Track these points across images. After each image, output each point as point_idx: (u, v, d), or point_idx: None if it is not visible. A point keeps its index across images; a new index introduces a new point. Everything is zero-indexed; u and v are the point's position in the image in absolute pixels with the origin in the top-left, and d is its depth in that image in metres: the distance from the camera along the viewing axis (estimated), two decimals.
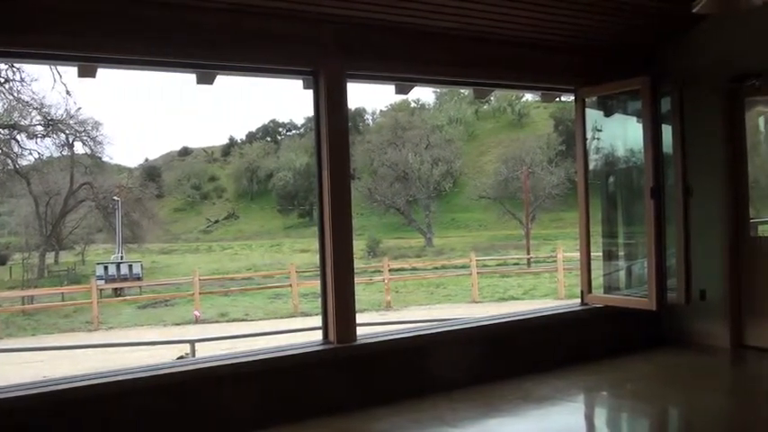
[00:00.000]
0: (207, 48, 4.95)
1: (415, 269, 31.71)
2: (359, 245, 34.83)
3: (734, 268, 6.89)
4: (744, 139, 6.98)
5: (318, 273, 5.60)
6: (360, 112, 57.35)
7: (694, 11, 4.61)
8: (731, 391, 6.02)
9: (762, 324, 6.74)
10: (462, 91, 47.79)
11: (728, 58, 6.74)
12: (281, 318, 22.20)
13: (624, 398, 5.72)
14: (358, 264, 28.58)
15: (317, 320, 5.83)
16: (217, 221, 57.91)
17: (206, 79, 5.32)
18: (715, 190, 6.91)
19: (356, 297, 5.63)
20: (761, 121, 8.86)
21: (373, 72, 5.85)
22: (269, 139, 63.60)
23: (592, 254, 7.14)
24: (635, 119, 7.00)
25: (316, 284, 5.94)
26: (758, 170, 8.96)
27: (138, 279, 32.05)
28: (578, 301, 7.14)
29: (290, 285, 24.81)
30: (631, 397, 5.70)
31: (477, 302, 23.70)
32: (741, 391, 6.06)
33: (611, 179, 7.81)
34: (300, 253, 41.23)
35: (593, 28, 6.47)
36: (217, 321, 22.29)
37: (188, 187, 61.09)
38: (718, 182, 6.90)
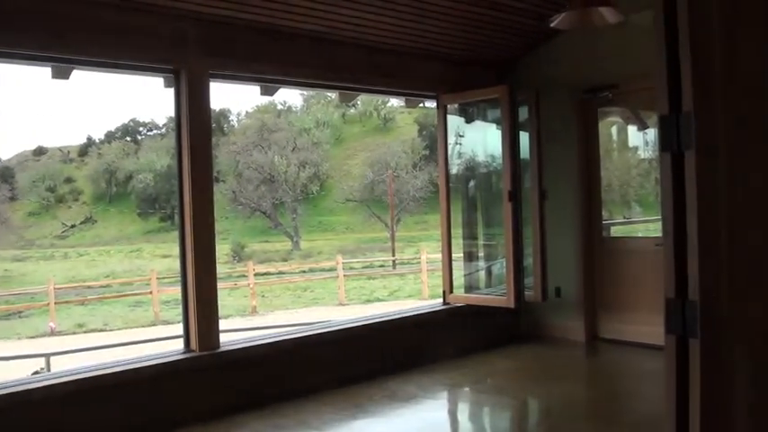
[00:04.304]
0: (62, 40, 4.67)
1: (281, 273, 31.41)
2: (223, 249, 34.06)
3: (587, 267, 7.28)
4: (597, 146, 7.40)
5: (180, 279, 5.44)
6: (224, 113, 56.13)
7: (551, 25, 4.83)
8: (586, 381, 6.35)
9: (613, 318, 7.18)
10: (329, 94, 47.89)
11: (583, 71, 7.11)
12: (142, 327, 21.37)
13: (486, 392, 5.91)
14: (222, 269, 27.98)
15: (179, 328, 5.64)
16: (73, 226, 54.91)
17: (61, 74, 5.04)
18: (570, 193, 7.27)
19: (220, 303, 5.51)
20: (613, 129, 9.41)
21: (238, 72, 5.74)
22: (129, 138, 61.01)
23: (453, 255, 7.35)
24: (494, 126, 7.26)
25: (178, 291, 5.74)
26: (611, 175, 9.52)
27: None
28: (441, 300, 7.32)
29: (151, 292, 23.93)
30: (493, 391, 5.90)
31: (343, 305, 23.79)
32: (595, 380, 6.41)
33: (472, 183, 8.06)
34: (162, 258, 39.85)
35: (456, 38, 6.66)
36: (74, 333, 21.14)
37: (43, 189, 57.56)
38: (573, 186, 7.26)
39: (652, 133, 8.64)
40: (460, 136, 7.68)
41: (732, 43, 2.15)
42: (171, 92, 5.35)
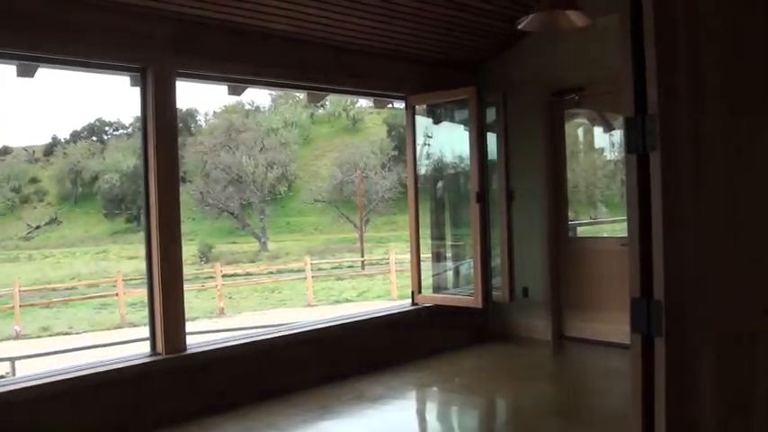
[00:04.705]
0: (28, 37, 4.58)
1: (249, 274, 31.19)
2: (190, 250, 33.75)
3: (554, 267, 7.35)
4: (564, 147, 7.48)
5: (146, 281, 5.38)
6: (191, 113, 55.67)
7: (519, 27, 4.87)
8: (553, 379, 6.40)
9: (579, 317, 7.27)
10: (297, 94, 47.67)
11: (550, 73, 7.18)
12: (108, 329, 21.08)
13: (454, 392, 5.93)
14: (189, 270, 27.64)
15: (146, 331, 5.57)
16: (38, 227, 53.95)
17: (27, 72, 4.94)
18: (537, 194, 7.34)
19: (187, 304, 5.46)
20: (580, 131, 9.51)
21: (205, 71, 5.69)
22: (95, 138, 60.16)
23: (422, 255, 7.37)
24: (462, 127, 7.30)
25: (144, 293, 5.67)
26: (577, 176, 9.63)
27: None
28: (409, 301, 7.33)
29: (117, 294, 23.60)
30: (461, 390, 5.93)
31: (312, 306, 23.72)
32: (561, 377, 6.47)
33: (440, 184, 8.09)
34: (128, 260, 39.34)
35: (425, 40, 6.67)
36: (39, 336, 20.76)
37: (7, 190, 56.42)
38: (540, 187, 7.32)
39: (618, 135, 8.75)
40: (429, 137, 7.70)
41: (696, 47, 2.18)
42: (137, 91, 5.28)
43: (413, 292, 7.31)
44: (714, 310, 2.27)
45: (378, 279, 28.37)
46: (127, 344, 12.99)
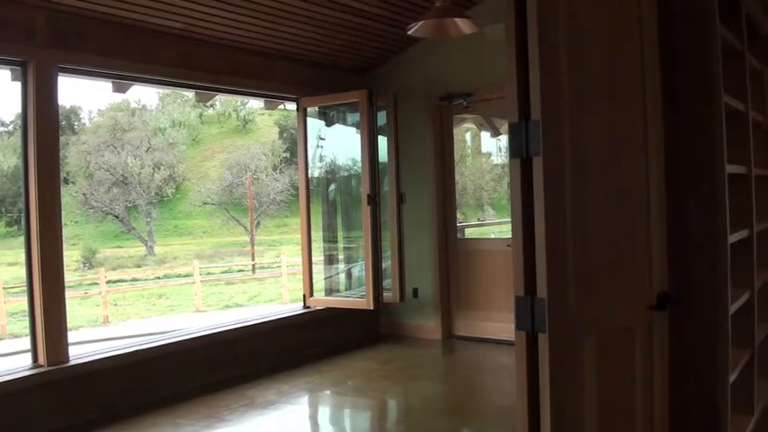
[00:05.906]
0: None
1: (135, 280, 30.15)
2: (72, 255, 32.33)
3: (443, 268, 7.51)
4: (452, 151, 7.66)
5: (26, 289, 5.11)
6: (75, 110, 53.34)
7: (409, 33, 4.95)
8: (443, 378, 6.53)
9: (467, 316, 7.46)
10: (186, 93, 46.44)
11: (439, 79, 7.33)
12: None
13: (346, 394, 5.94)
14: (72, 276, 26.46)
15: (27, 342, 5.29)
16: None
17: None
18: (427, 197, 7.47)
19: (70, 313, 5.23)
20: (468, 136, 9.76)
21: (89, 67, 5.44)
22: None
23: (314, 258, 7.36)
24: (355, 129, 7.34)
25: (25, 301, 5.40)
26: (466, 180, 9.84)
27: None
28: (301, 304, 7.31)
29: None
30: (353, 393, 5.95)
31: (201, 311, 23.18)
32: (452, 376, 6.60)
33: (333, 186, 8.11)
34: (8, 266, 37.25)
35: (318, 42, 6.67)
36: None
37: None
38: (430, 190, 7.47)
39: (504, 140, 9.03)
40: (322, 139, 7.70)
41: (578, 54, 2.28)
42: (18, 86, 5.01)
43: (304, 296, 7.29)
44: (596, 306, 2.37)
45: (269, 283, 28.05)
46: (7, 356, 12.27)
